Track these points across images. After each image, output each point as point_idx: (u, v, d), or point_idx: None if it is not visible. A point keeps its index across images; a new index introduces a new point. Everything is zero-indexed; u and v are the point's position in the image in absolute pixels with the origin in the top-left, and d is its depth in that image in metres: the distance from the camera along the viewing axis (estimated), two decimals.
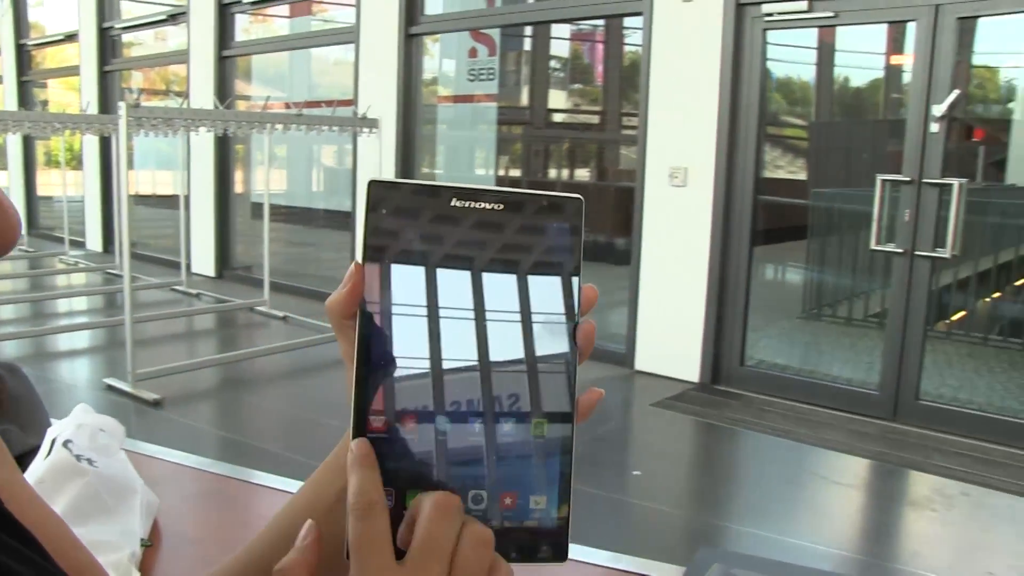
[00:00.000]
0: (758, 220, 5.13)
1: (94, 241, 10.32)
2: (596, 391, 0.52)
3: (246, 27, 8.52)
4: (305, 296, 7.53)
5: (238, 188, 8.72)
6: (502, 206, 0.49)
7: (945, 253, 4.43)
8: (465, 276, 0.49)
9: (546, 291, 0.50)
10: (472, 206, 0.49)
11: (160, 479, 1.24)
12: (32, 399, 1.33)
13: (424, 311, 0.48)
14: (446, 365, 0.48)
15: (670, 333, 5.29)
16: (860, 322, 6.57)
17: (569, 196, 0.50)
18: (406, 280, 0.48)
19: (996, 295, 7.11)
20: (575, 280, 0.50)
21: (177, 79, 9.52)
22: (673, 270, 5.24)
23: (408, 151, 6.70)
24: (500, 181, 6.74)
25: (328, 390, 5.24)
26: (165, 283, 8.09)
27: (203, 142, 8.19)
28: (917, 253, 4.52)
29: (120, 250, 8.57)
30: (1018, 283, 7.08)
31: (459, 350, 0.48)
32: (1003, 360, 6.03)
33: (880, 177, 4.60)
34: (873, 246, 4.66)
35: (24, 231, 10.78)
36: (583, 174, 7.33)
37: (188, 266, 8.16)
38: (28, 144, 11.60)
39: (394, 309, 0.48)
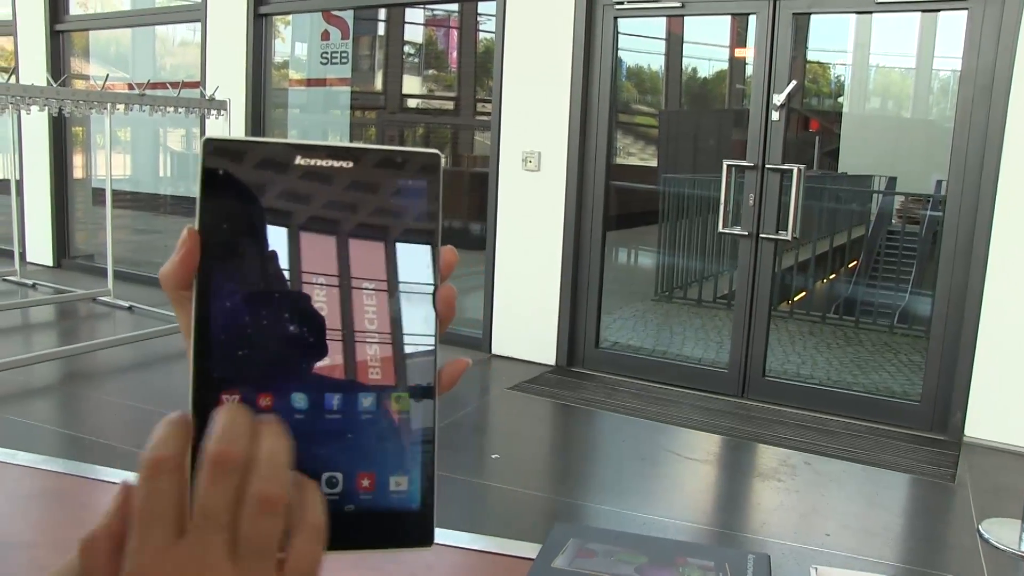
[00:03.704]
0: (611, 205, 5.24)
1: None
2: (462, 360, 0.49)
3: (83, 0, 8.07)
4: (152, 285, 7.21)
5: (78, 173, 8.25)
6: (351, 163, 0.45)
7: (787, 235, 4.64)
8: (311, 240, 0.45)
9: (402, 254, 0.46)
10: (318, 164, 0.45)
11: None
12: None
13: (267, 279, 0.44)
14: (293, 337, 0.44)
15: (526, 317, 5.34)
16: (710, 303, 6.83)
17: (425, 151, 0.47)
18: (246, 245, 0.44)
19: (832, 276, 7.54)
20: (433, 242, 0.47)
21: (5, 53, 8.91)
22: (528, 255, 5.30)
23: (258, 134, 6.51)
24: None
25: (176, 380, 5.03)
26: None
27: (36, 123, 7.70)
28: (761, 236, 4.72)
29: None
30: (851, 264, 7.52)
31: (307, 321, 0.44)
32: (839, 337, 6.39)
33: (726, 163, 4.78)
34: (721, 229, 4.84)
35: None
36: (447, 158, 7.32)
37: (23, 255, 7.66)
38: None
39: (234, 277, 0.44)
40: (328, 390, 0.44)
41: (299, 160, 0.45)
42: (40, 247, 8.14)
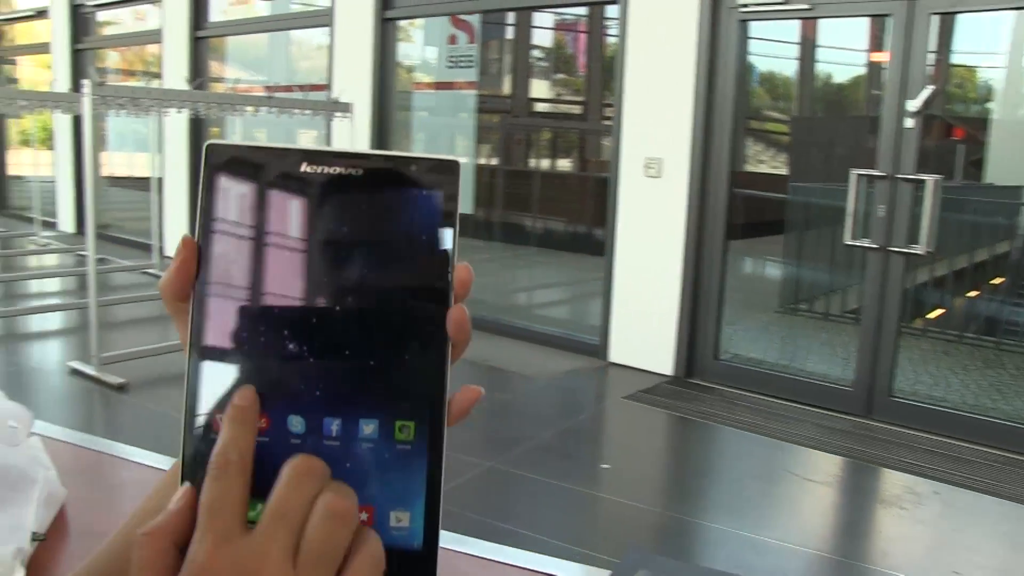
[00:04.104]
0: (735, 213, 5.09)
1: (66, 222, 10.17)
2: (474, 389, 0.45)
3: (225, 8, 8.40)
4: None
5: None
6: (361, 171, 0.42)
7: (919, 249, 4.40)
8: (315, 252, 0.42)
9: (412, 271, 0.43)
10: (326, 171, 0.42)
11: (81, 468, 1.18)
12: None
13: (266, 293, 0.42)
14: (294, 356, 0.42)
15: (644, 325, 5.25)
16: (836, 317, 6.56)
17: (442, 158, 0.43)
18: (247, 257, 0.42)
19: (972, 293, 7.12)
20: (447, 259, 0.43)
21: (154, 60, 9.38)
22: (647, 262, 5.20)
23: (382, 137, 6.63)
24: (479, 170, 6.66)
25: None
26: (136, 266, 7.98)
27: (177, 124, 8.07)
28: (891, 248, 4.49)
29: (88, 231, 8.45)
30: (994, 281, 7.08)
31: (311, 339, 0.42)
32: (977, 358, 6.03)
33: (855, 172, 4.57)
34: (848, 241, 4.63)
35: None
36: (562, 164, 7.27)
37: (160, 249, 8.04)
38: None
39: (232, 291, 0.42)
40: (326, 414, 0.42)
41: (305, 167, 0.42)
42: (176, 242, 8.52)
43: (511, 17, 7.04)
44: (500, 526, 3.16)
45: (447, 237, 0.43)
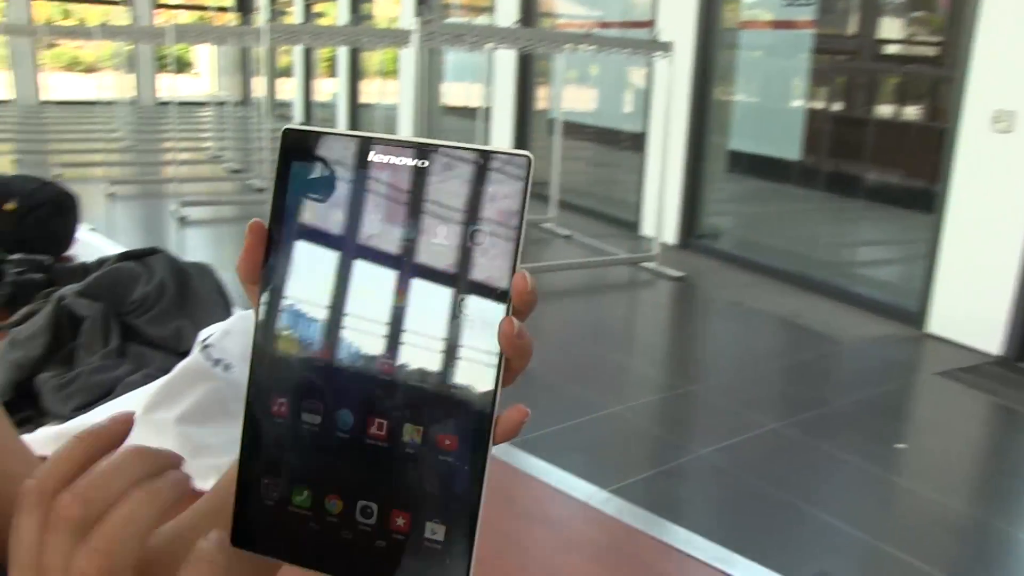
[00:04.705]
0: None
1: None
2: (521, 409, 0.43)
3: None
4: (592, 216, 7.54)
5: (541, 104, 8.82)
6: (427, 162, 0.42)
7: None
8: (380, 247, 0.42)
9: (473, 275, 0.41)
10: (392, 161, 0.42)
11: None
12: (214, 300, 1.38)
13: (331, 285, 0.43)
14: (352, 351, 0.42)
15: (972, 296, 4.70)
16: None
17: (513, 152, 0.41)
18: (314, 246, 0.43)
19: None
20: (507, 263, 0.41)
21: None
22: (984, 226, 4.63)
23: (704, 77, 6.42)
24: (810, 115, 6.24)
25: (600, 316, 5.23)
26: None
27: (507, 57, 8.34)
28: None
29: None
30: None
31: (368, 336, 0.42)
32: None
33: None
34: None
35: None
36: (901, 112, 6.63)
37: None
38: (354, 54, 12.43)
39: (295, 278, 0.43)
40: (374, 413, 0.42)
41: (373, 156, 0.42)
42: None
43: None
44: (775, 494, 3.01)
45: (510, 239, 0.41)
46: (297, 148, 0.43)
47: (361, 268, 0.42)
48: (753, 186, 6.88)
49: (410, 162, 0.41)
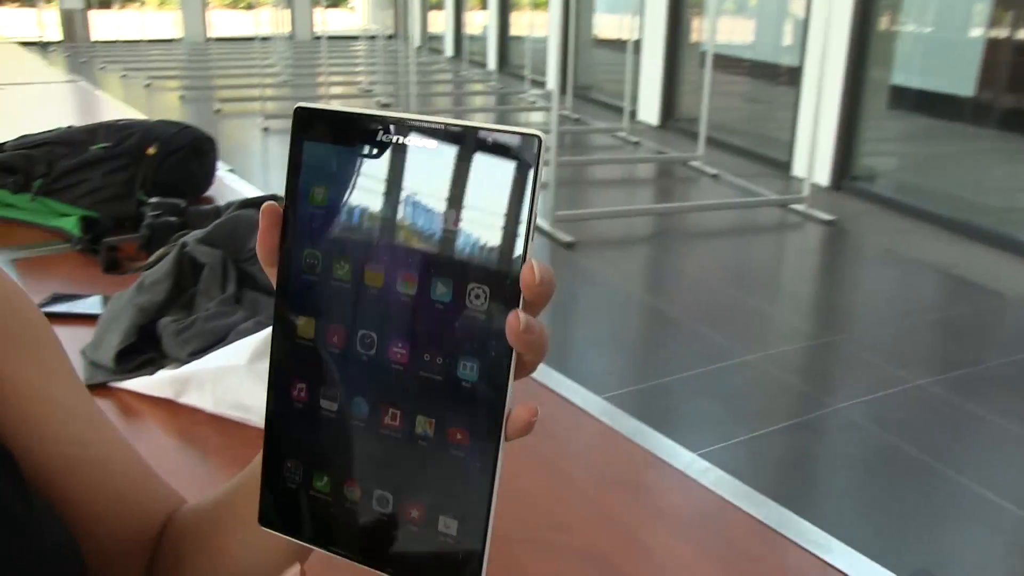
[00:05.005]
0: None
1: (553, 82, 10.84)
2: (530, 408, 0.40)
3: None
4: (741, 155, 7.29)
5: (695, 36, 8.53)
6: (434, 143, 0.39)
7: None
8: (388, 232, 0.41)
9: (480, 264, 0.39)
10: (400, 141, 0.40)
11: None
12: None
13: (343, 271, 0.42)
14: (366, 340, 0.42)
15: None
16: None
17: (523, 131, 0.38)
18: (324, 229, 0.42)
19: None
20: (522, 249, 0.39)
21: None
22: None
23: (867, 4, 6.01)
24: (990, 45, 5.71)
25: (744, 259, 5.08)
26: (608, 128, 8.32)
27: None
28: None
29: (567, 91, 8.95)
30: None
31: (381, 324, 0.42)
32: None
33: None
34: None
35: (496, 69, 11.67)
36: None
37: (633, 113, 8.27)
38: None
39: (310, 261, 0.43)
40: (387, 402, 0.42)
41: (381, 136, 0.41)
42: (649, 107, 8.68)
43: None
44: (916, 455, 2.87)
45: (519, 227, 0.39)
46: (308, 127, 0.42)
47: (371, 254, 0.41)
48: (916, 124, 6.45)
49: (419, 144, 0.40)
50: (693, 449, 1.06)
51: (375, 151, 0.41)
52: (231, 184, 2.22)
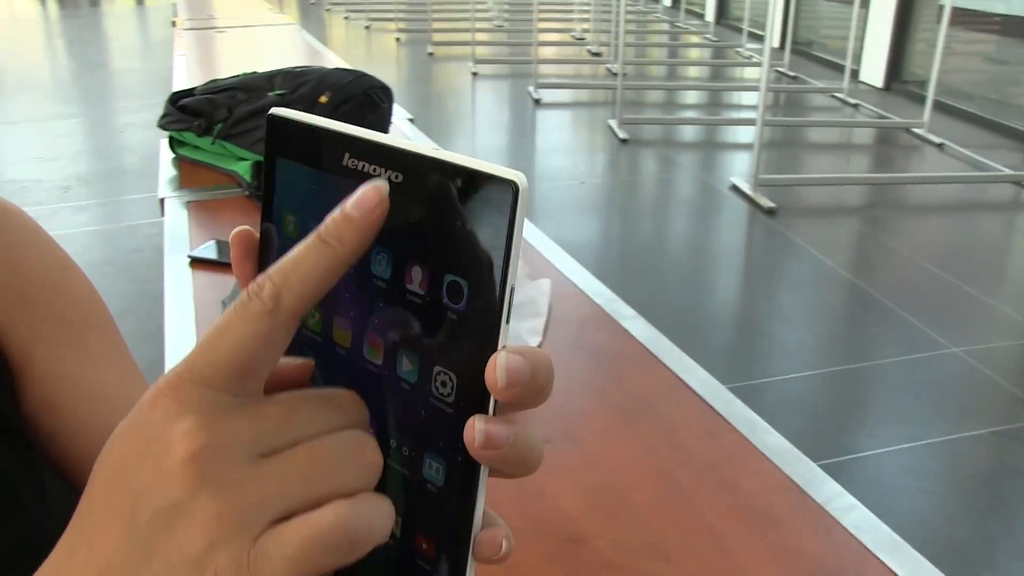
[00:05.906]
0: None
1: (773, 38, 10.32)
2: (497, 535, 0.33)
3: None
4: (975, 123, 6.67)
5: None
6: (400, 176, 0.31)
7: None
8: (355, 284, 0.34)
9: (450, 341, 0.31)
10: (364, 168, 0.32)
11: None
12: None
13: (312, 322, 0.36)
14: (328, 377, 0.36)
15: None
16: None
17: (498, 174, 0.29)
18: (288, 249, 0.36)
19: None
20: (492, 331, 0.30)
21: None
22: None
23: None
24: None
25: (963, 240, 4.64)
26: (826, 88, 7.82)
27: None
28: None
29: (784, 45, 8.48)
30: None
31: (340, 366, 0.35)
32: None
33: None
34: None
35: (713, 20, 11.22)
36: None
37: (855, 73, 7.73)
38: None
39: None
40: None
41: (347, 160, 0.33)
42: (873, 66, 8.07)
43: None
44: None
45: (490, 299, 0.30)
46: (281, 140, 0.35)
47: (337, 306, 0.35)
48: None
49: (383, 171, 0.32)
50: (876, 447, 0.92)
51: (338, 176, 0.33)
52: (409, 134, 2.20)
